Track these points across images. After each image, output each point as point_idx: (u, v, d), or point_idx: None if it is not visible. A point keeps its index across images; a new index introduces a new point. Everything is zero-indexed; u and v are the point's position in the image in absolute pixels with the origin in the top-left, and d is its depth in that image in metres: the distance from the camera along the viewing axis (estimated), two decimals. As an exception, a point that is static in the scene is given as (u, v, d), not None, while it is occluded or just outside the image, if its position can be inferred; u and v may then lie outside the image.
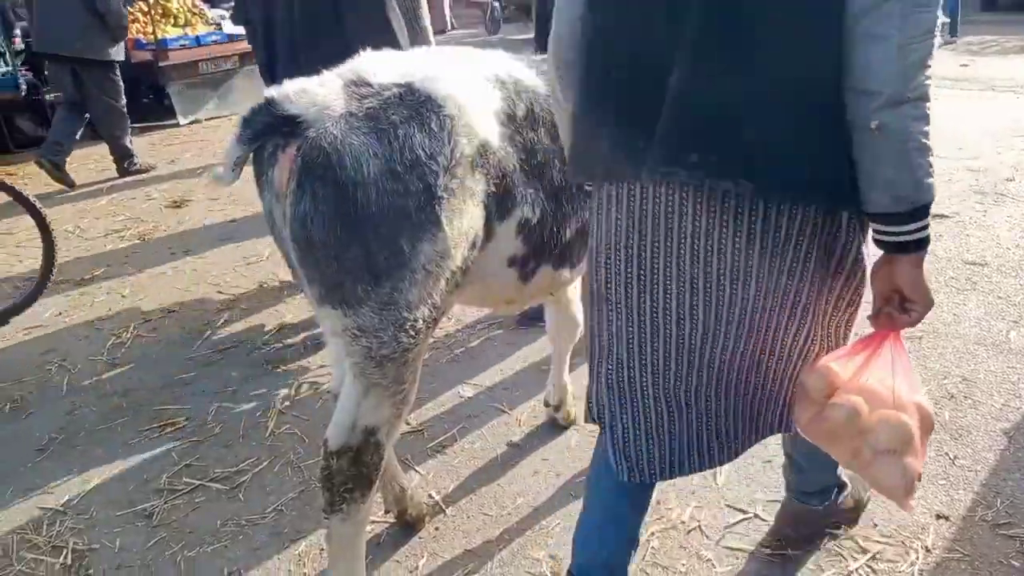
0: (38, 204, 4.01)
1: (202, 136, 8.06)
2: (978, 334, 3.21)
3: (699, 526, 2.28)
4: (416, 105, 1.59)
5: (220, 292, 4.16)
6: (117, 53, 6.29)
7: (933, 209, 1.34)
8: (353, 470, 1.74)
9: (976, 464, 2.44)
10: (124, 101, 6.48)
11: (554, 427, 2.79)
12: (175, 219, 5.44)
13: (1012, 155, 5.60)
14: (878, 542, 2.17)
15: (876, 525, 2.23)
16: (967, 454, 2.49)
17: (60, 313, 3.98)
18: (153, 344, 3.61)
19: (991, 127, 6.28)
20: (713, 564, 2.14)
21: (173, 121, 8.55)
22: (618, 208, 1.49)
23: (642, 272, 1.48)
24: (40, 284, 3.94)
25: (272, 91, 1.61)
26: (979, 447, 2.52)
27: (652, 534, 2.25)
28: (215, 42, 8.59)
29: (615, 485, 1.70)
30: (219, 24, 8.90)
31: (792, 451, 2.03)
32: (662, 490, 2.44)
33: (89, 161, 7.18)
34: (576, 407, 2.83)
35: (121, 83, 6.42)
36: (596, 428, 2.34)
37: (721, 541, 2.22)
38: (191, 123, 8.58)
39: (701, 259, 1.42)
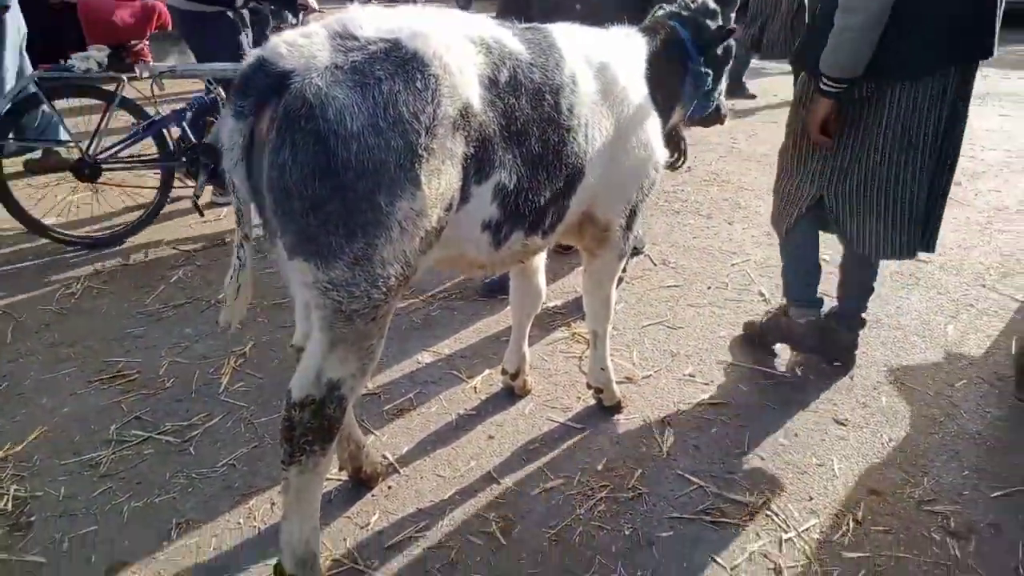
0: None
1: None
2: (918, 326, 3.35)
3: (645, 493, 2.35)
4: (402, 62, 1.59)
5: (175, 248, 4.09)
6: None
7: None
8: (315, 422, 1.75)
9: (908, 446, 2.57)
10: None
11: (510, 395, 2.84)
12: (133, 174, 5.28)
13: (961, 161, 5.79)
14: (812, 512, 2.28)
15: (811, 498, 2.34)
16: (900, 436, 2.62)
17: (7, 263, 3.86)
18: (105, 296, 3.54)
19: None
20: (657, 529, 2.21)
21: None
22: None
23: None
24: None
25: (261, 49, 1.59)
26: (911, 431, 2.65)
27: (600, 499, 2.31)
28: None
29: None
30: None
31: None
32: (611, 457, 2.51)
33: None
34: (531, 377, 2.88)
35: None
36: (551, 398, 2.42)
37: (665, 508, 2.30)
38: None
39: None
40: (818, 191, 2.74)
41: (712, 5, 2.50)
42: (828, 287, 3.12)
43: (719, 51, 2.49)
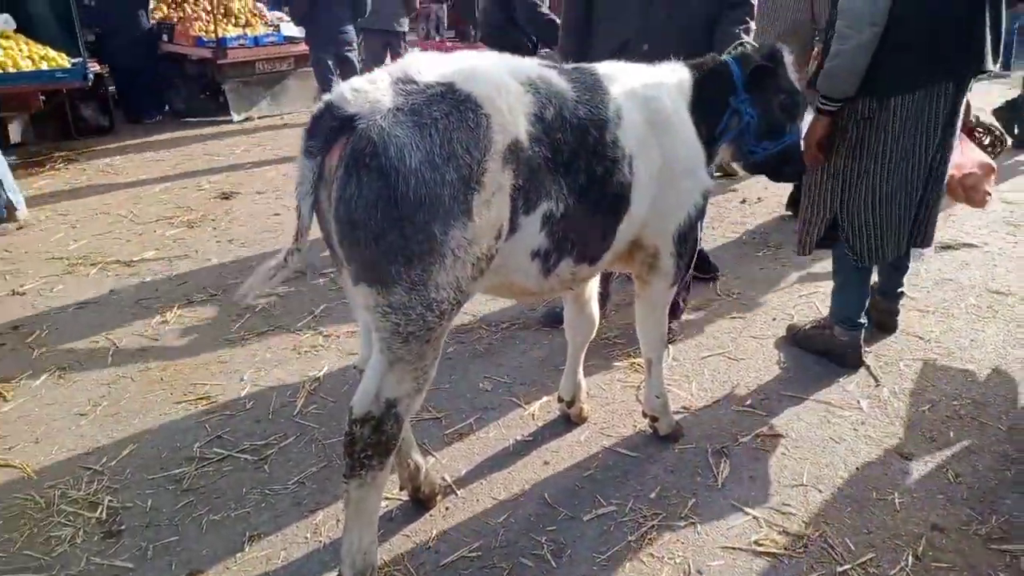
0: None
1: (254, 133, 8.36)
2: (993, 360, 3.23)
3: (697, 522, 2.36)
4: (456, 103, 1.73)
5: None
6: None
7: (963, 239, 1.55)
8: (374, 438, 1.87)
9: (977, 482, 2.49)
10: None
11: (567, 423, 2.90)
12: (223, 210, 5.68)
13: (1051, 189, 5.55)
14: (870, 546, 2.23)
15: (870, 532, 2.29)
16: (969, 472, 2.54)
17: (111, 291, 4.21)
18: (194, 324, 3.81)
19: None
20: (707, 558, 2.22)
21: (227, 117, 8.89)
22: None
23: None
24: None
25: (329, 95, 1.76)
26: (981, 467, 2.56)
27: (652, 527, 2.34)
28: (272, 43, 8.91)
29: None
30: (277, 26, 9.22)
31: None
32: (664, 485, 2.53)
33: (146, 152, 7.51)
34: (588, 404, 2.93)
35: None
36: (607, 425, 2.48)
37: (717, 538, 2.30)
38: (244, 120, 8.90)
39: None
40: (830, 212, 3.02)
41: (779, 52, 2.47)
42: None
43: (771, 93, 2.44)
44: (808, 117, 2.75)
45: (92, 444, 2.83)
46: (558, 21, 3.83)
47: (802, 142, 2.65)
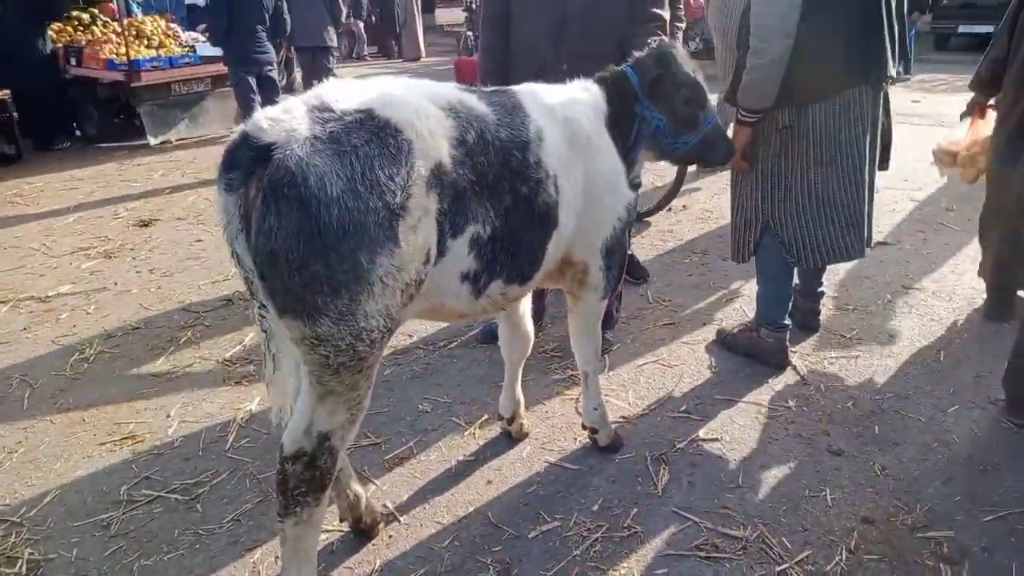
0: None
1: (172, 156, 8.10)
2: (911, 353, 3.39)
3: (640, 531, 2.39)
4: (376, 129, 1.71)
5: (185, 310, 4.22)
6: None
7: (878, 237, 1.60)
8: (307, 474, 1.83)
9: (901, 473, 2.60)
10: None
11: (508, 440, 2.90)
12: (142, 238, 5.48)
13: (953, 186, 5.87)
14: (806, 544, 2.30)
15: (806, 529, 2.37)
16: (894, 464, 2.65)
17: (24, 328, 4.00)
18: (116, 360, 3.65)
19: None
20: (652, 568, 2.25)
21: (143, 141, 8.59)
22: None
23: None
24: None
25: (244, 125, 1.71)
26: (905, 458, 2.68)
27: (596, 539, 2.35)
28: (187, 64, 8.67)
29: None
30: (192, 47, 8.98)
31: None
32: (607, 496, 2.55)
33: (56, 182, 7.18)
34: (528, 420, 2.94)
35: None
36: (548, 440, 2.49)
37: (660, 546, 2.33)
38: (161, 143, 8.62)
39: None
40: (765, 217, 3.11)
41: (666, 49, 2.51)
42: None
43: (670, 92, 2.47)
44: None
45: (8, 493, 2.68)
46: None
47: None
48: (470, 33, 17.91)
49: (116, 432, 3.04)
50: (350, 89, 1.82)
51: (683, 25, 4.74)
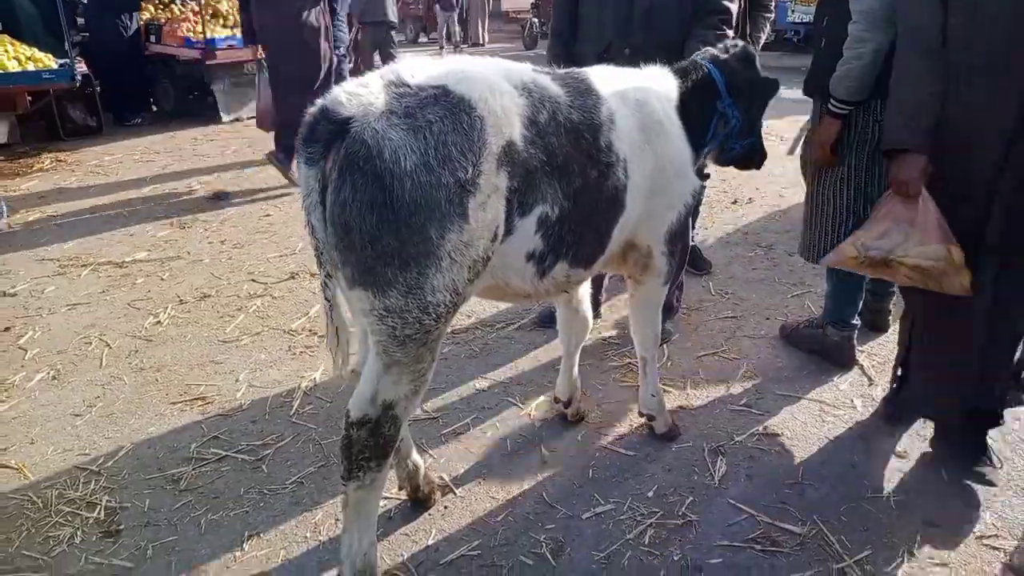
0: None
1: (243, 134, 8.33)
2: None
3: (695, 520, 2.38)
4: (450, 105, 1.74)
5: (254, 280, 4.35)
6: None
7: None
8: (371, 440, 1.88)
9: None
10: None
11: (564, 422, 2.91)
12: (214, 211, 5.66)
13: None
14: (866, 544, 2.26)
15: (867, 529, 2.32)
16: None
17: (102, 291, 4.19)
18: (188, 325, 3.79)
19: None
20: (706, 556, 2.24)
21: (216, 117, 8.86)
22: None
23: None
24: None
25: (323, 100, 1.74)
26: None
27: (650, 524, 2.36)
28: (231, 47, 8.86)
29: None
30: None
31: None
32: (662, 484, 2.55)
33: (134, 154, 7.47)
34: (585, 404, 2.95)
35: None
36: (604, 425, 2.49)
37: (715, 535, 2.32)
38: (233, 120, 8.87)
39: None
40: (854, 215, 2.95)
41: (751, 52, 2.58)
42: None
43: (750, 96, 2.53)
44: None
45: (88, 445, 2.82)
46: None
47: (809, 145, 2.68)
48: (536, 20, 17.89)
49: (187, 393, 3.17)
50: (426, 65, 1.85)
51: (771, 16, 4.62)
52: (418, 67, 1.83)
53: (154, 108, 9.42)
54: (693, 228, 3.17)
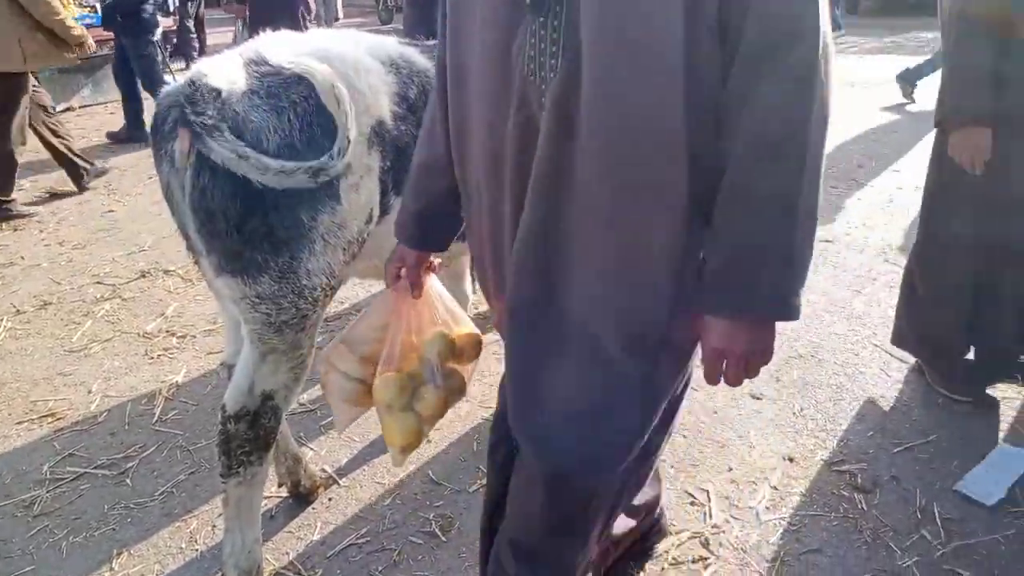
0: None
1: (76, 124, 7.65)
2: (825, 302, 3.57)
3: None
4: (314, 84, 1.66)
5: (100, 283, 4.04)
6: None
7: None
8: (250, 433, 1.81)
9: (817, 413, 2.75)
10: None
11: (444, 400, 2.91)
12: (49, 210, 5.19)
13: (864, 144, 6.16)
14: (732, 482, 2.42)
15: (731, 469, 2.49)
16: (811, 405, 2.80)
17: (-79, 308, 3.76)
18: (28, 337, 3.48)
19: (846, 119, 6.83)
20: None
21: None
22: None
23: None
24: None
25: (188, 73, 1.65)
26: (821, 399, 2.84)
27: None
28: (89, 25, 8.14)
29: None
30: (95, 7, 8.46)
31: None
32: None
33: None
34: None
35: None
36: (485, 398, 2.51)
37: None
38: (64, 111, 8.13)
39: None
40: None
41: None
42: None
43: None
44: None
45: (-82, 480, 2.54)
46: None
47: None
48: (390, -9, 17.43)
49: (33, 410, 2.91)
50: (289, 42, 1.77)
51: None
52: (280, 44, 1.75)
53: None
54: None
